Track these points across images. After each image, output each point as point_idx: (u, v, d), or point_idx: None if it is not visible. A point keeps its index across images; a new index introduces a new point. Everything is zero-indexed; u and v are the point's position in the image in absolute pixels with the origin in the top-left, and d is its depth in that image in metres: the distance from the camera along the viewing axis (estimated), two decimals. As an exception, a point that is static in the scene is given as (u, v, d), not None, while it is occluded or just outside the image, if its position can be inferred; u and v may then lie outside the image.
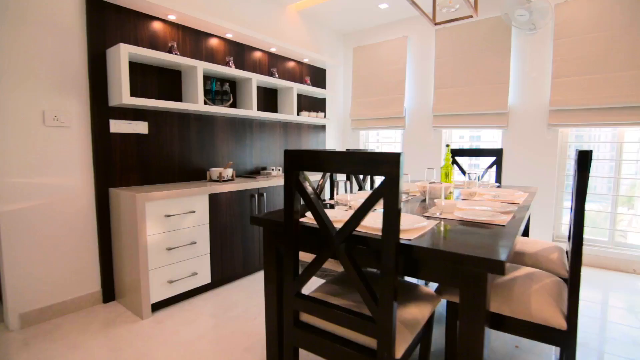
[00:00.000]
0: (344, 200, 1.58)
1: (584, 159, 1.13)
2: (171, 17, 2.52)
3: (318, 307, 1.13)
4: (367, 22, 4.09)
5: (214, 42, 2.89)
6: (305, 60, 3.73)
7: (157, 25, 2.51)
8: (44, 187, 2.08)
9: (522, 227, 1.34)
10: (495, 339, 1.91)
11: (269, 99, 3.43)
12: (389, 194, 0.94)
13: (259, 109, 3.29)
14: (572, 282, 1.16)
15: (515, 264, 1.74)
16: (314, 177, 3.27)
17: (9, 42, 1.93)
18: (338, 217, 1.33)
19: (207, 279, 2.46)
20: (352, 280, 1.04)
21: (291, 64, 3.64)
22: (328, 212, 1.37)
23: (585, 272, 2.89)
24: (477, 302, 0.96)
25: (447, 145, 2.15)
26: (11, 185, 1.97)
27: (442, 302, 2.26)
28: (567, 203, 3.28)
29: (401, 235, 1.11)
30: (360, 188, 2.48)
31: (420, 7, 1.99)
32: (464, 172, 2.81)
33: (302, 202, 1.33)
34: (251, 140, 3.27)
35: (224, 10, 3.01)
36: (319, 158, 1.07)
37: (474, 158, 3.72)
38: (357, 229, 1.17)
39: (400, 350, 1.04)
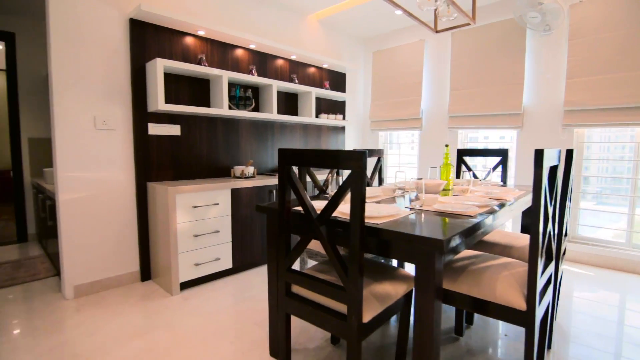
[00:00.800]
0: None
1: (539, 157, 1.27)
2: (200, 32, 2.85)
3: (304, 279, 1.36)
4: (386, 27, 4.25)
5: (238, 52, 3.20)
6: (325, 66, 3.96)
7: (188, 40, 2.85)
8: (94, 181, 2.48)
9: (493, 219, 1.49)
10: (486, 328, 2.04)
11: (289, 102, 3.70)
12: (354, 185, 1.16)
13: (279, 112, 3.57)
14: (530, 269, 1.30)
15: (499, 255, 1.87)
16: (321, 176, 3.47)
17: (70, 60, 2.33)
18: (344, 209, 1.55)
19: (228, 265, 2.76)
20: (328, 256, 1.26)
21: (311, 70, 3.89)
22: (323, 202, 1.59)
23: (601, 274, 2.88)
24: (428, 276, 1.15)
25: (446, 146, 2.29)
26: (69, 178, 2.37)
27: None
28: (584, 204, 3.26)
29: (374, 221, 1.31)
30: (367, 184, 2.68)
31: (417, 18, 2.15)
32: (470, 171, 2.91)
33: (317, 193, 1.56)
34: (272, 141, 3.56)
35: (248, 23, 3.32)
36: (302, 155, 1.30)
37: (489, 158, 3.77)
38: (336, 215, 1.39)
39: (367, 316, 1.24)
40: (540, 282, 1.38)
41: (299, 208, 1.57)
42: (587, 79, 3.00)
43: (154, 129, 2.71)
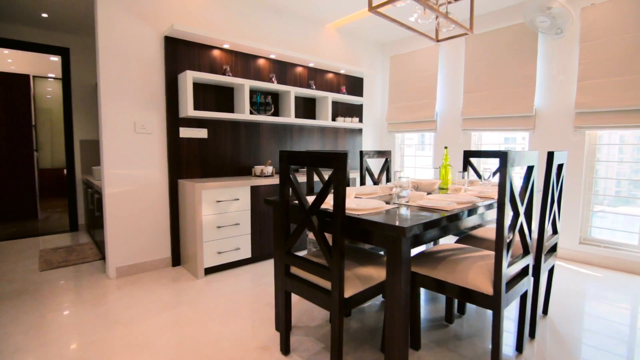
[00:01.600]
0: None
1: (504, 159, 1.43)
2: (225, 46, 3.18)
3: (299, 261, 1.61)
4: (402, 33, 4.41)
5: (260, 62, 3.50)
6: (342, 71, 4.19)
7: (215, 53, 3.19)
8: (134, 177, 2.86)
9: (468, 214, 1.67)
10: (476, 318, 2.19)
11: (308, 106, 3.97)
12: (337, 181, 1.39)
13: (297, 116, 3.84)
14: (496, 258, 1.47)
15: (487, 249, 2.03)
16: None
17: (114, 73, 2.72)
18: (330, 201, 1.78)
19: (247, 254, 3.07)
20: (317, 241, 1.49)
21: (329, 75, 4.14)
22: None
23: (609, 276, 2.91)
24: (396, 258, 1.35)
25: (445, 148, 2.45)
26: (113, 175, 2.77)
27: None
28: (597, 206, 3.27)
29: (356, 213, 1.53)
30: (375, 183, 2.89)
31: (417, 30, 2.34)
32: (477, 172, 3.03)
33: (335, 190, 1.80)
34: (291, 143, 3.84)
35: (268, 34, 3.62)
36: (297, 156, 1.55)
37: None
38: (327, 207, 1.62)
39: (349, 292, 1.47)
40: (509, 271, 1.54)
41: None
42: (598, 81, 3.03)
43: (185, 132, 3.07)
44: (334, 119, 4.13)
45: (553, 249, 2.18)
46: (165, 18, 2.93)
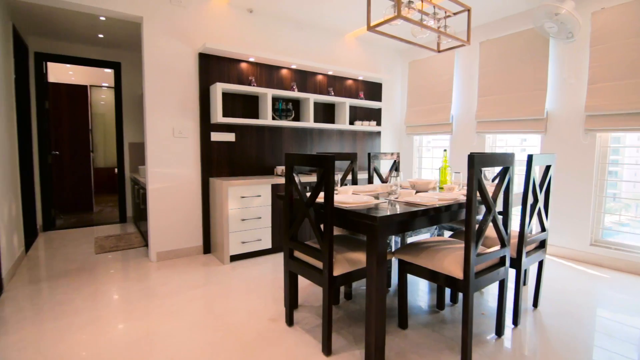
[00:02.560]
0: (342, 189, 2.32)
1: (471, 161, 1.66)
2: (251, 59, 3.57)
3: (299, 246, 1.92)
4: (420, 40, 4.59)
5: (282, 72, 3.86)
6: (360, 78, 4.46)
7: (242, 65, 3.59)
8: (172, 175, 3.32)
9: (445, 209, 1.89)
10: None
11: (327, 111, 4.27)
12: (327, 179, 1.69)
13: (317, 120, 4.16)
14: (465, 248, 1.69)
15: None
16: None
17: (157, 85, 3.19)
18: (337, 198, 2.08)
19: (268, 245, 3.43)
20: (312, 228, 1.80)
21: (348, 82, 4.42)
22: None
23: (617, 277, 2.96)
24: (374, 243, 1.62)
25: (444, 150, 2.66)
26: (155, 173, 3.23)
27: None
28: (609, 207, 3.29)
29: (346, 205, 1.82)
30: (384, 181, 3.14)
31: (415, 44, 2.57)
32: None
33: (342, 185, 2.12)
34: (311, 145, 4.17)
35: (290, 46, 3.97)
36: (298, 158, 1.87)
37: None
38: (321, 201, 1.92)
39: (337, 271, 1.76)
40: (479, 260, 1.75)
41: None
42: (608, 84, 3.08)
43: (215, 136, 3.49)
44: (352, 123, 4.40)
45: (542, 245, 2.33)
46: (199, 37, 3.37)
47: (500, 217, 1.91)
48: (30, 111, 4.24)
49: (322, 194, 1.96)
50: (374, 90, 4.70)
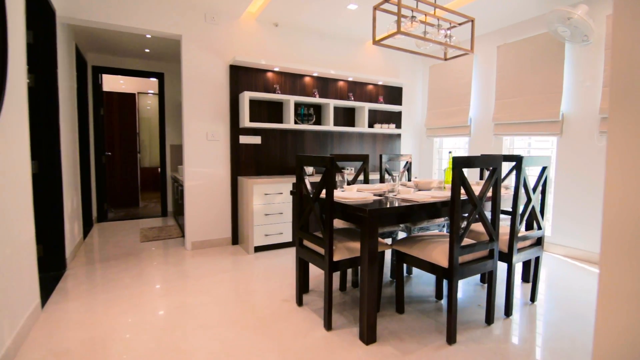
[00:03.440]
0: (348, 187, 2.58)
1: (455, 162, 1.86)
2: (276, 69, 3.92)
3: (307, 235, 2.21)
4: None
5: (305, 79, 4.18)
6: (380, 82, 4.68)
7: (267, 75, 3.95)
8: (205, 174, 3.74)
9: (437, 206, 2.10)
10: (464, 300, 2.57)
11: (347, 115, 4.54)
12: (328, 178, 1.97)
13: (337, 124, 4.44)
14: (450, 240, 1.90)
15: (472, 240, 2.40)
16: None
17: (193, 93, 3.62)
18: (340, 194, 2.36)
19: (289, 239, 3.75)
20: (316, 220, 2.09)
21: (369, 87, 4.66)
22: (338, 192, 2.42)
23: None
24: (365, 232, 1.88)
25: (450, 152, 2.84)
26: (191, 172, 3.67)
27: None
28: (627, 210, 3.29)
29: (346, 200, 2.08)
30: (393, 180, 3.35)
31: (421, 54, 2.78)
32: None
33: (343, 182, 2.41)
34: (332, 147, 4.45)
35: (313, 55, 4.28)
36: (306, 158, 2.16)
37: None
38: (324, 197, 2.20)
39: (337, 257, 2.03)
40: (464, 252, 1.95)
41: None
42: (623, 87, 3.09)
43: (243, 139, 3.87)
44: (371, 126, 4.63)
45: (538, 242, 2.46)
46: (230, 51, 3.77)
47: (491, 214, 2.09)
48: (88, 117, 4.87)
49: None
50: (394, 94, 4.89)
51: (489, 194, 2.12)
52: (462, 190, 1.95)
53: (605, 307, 1.10)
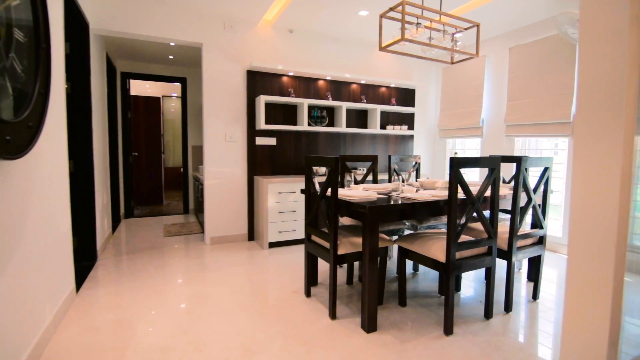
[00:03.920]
0: (354, 186, 2.72)
1: (452, 163, 1.97)
2: (290, 73, 4.10)
3: (314, 230, 2.37)
4: (452, 47, 4.78)
5: (319, 83, 4.35)
6: (393, 85, 4.78)
7: (283, 79, 4.14)
8: (224, 174, 3.96)
9: (435, 204, 2.21)
10: (466, 295, 2.65)
11: (360, 117, 4.67)
12: (332, 176, 2.12)
13: (350, 125, 4.57)
14: (448, 236, 2.01)
15: (473, 237, 2.49)
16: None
17: (212, 97, 3.85)
18: (345, 192, 2.50)
19: (301, 236, 3.92)
20: (324, 216, 2.24)
21: (381, 89, 4.77)
22: (344, 191, 2.56)
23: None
24: (366, 225, 2.01)
25: (455, 153, 2.93)
26: (211, 172, 3.90)
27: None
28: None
29: (349, 198, 2.22)
30: (403, 180, 3.46)
31: (427, 58, 2.88)
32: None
33: (352, 181, 2.56)
34: (344, 148, 4.59)
35: (327, 59, 4.43)
36: (314, 159, 2.32)
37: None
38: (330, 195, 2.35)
39: (341, 251, 2.18)
40: (460, 247, 2.05)
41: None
42: (634, 88, 3.09)
43: (259, 140, 4.07)
44: (384, 127, 4.74)
45: (540, 241, 2.52)
46: (247, 57, 3.98)
47: (494, 213, 2.19)
48: (117, 120, 5.21)
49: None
50: (407, 95, 4.98)
51: (491, 194, 2.21)
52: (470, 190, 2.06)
53: (572, 285, 1.20)
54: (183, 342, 1.95)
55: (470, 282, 2.91)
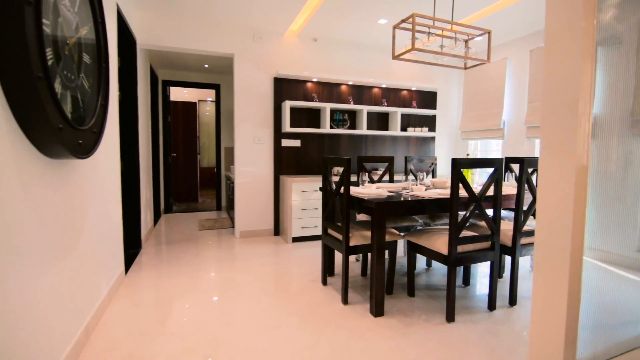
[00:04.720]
0: (367, 185, 2.94)
1: (454, 163, 2.14)
2: (314, 79, 4.37)
3: (330, 224, 2.62)
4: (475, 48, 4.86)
5: (341, 87, 4.59)
6: (414, 88, 4.93)
7: (307, 85, 4.42)
8: (252, 173, 4.30)
9: (438, 200, 2.39)
10: (474, 290, 2.79)
11: (381, 119, 4.86)
12: (345, 175, 2.36)
13: (371, 128, 4.77)
14: (450, 231, 2.19)
15: (477, 233, 2.64)
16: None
17: (243, 102, 4.20)
18: (358, 190, 2.73)
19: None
20: (339, 211, 2.48)
21: (403, 92, 4.93)
22: (358, 188, 2.80)
23: None
24: (374, 219, 2.23)
25: (467, 155, 3.07)
26: (241, 171, 4.25)
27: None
28: (662, 213, 3.24)
29: (362, 196, 2.44)
30: (416, 179, 3.63)
31: (440, 64, 3.04)
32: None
33: (364, 181, 2.81)
34: (365, 150, 4.80)
35: (349, 65, 4.67)
36: (330, 159, 2.57)
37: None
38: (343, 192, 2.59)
39: (353, 242, 2.41)
40: (462, 242, 2.22)
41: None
42: (655, 89, 3.08)
43: (285, 142, 4.38)
44: (404, 129, 4.90)
45: (547, 239, 2.61)
46: (274, 65, 4.29)
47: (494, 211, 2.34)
48: (158, 123, 5.72)
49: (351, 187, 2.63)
50: (428, 98, 5.10)
51: (494, 192, 2.36)
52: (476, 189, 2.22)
53: (539, 271, 1.38)
54: (213, 317, 2.26)
55: (482, 279, 3.03)
